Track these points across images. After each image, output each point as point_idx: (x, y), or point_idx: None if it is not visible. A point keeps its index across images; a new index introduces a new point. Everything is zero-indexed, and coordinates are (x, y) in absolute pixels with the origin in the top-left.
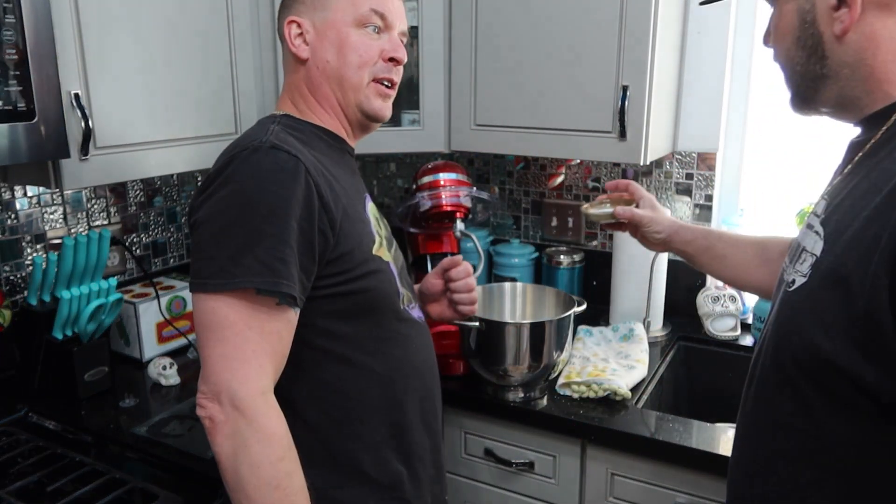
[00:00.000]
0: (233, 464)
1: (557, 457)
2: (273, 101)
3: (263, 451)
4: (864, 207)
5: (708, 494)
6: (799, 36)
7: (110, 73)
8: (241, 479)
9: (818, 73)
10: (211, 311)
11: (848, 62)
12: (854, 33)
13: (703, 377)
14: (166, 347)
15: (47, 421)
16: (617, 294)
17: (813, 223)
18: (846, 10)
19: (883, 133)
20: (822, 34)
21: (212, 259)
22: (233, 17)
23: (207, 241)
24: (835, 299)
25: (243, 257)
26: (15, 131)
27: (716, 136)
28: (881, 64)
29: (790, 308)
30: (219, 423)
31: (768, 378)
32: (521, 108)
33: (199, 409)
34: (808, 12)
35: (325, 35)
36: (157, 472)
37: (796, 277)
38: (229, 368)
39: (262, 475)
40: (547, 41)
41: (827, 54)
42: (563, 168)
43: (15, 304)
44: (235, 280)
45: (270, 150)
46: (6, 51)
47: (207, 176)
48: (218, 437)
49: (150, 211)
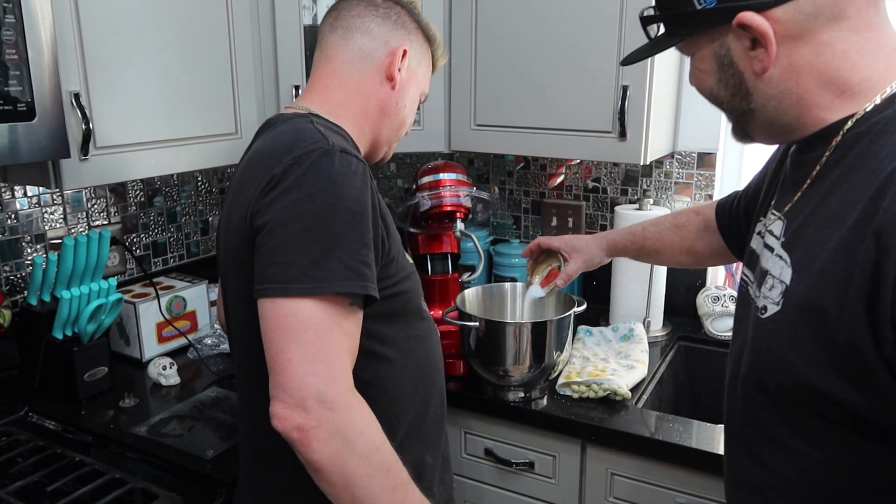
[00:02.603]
0: (339, 463)
1: (557, 457)
2: (273, 101)
3: (367, 441)
4: (829, 238)
5: (708, 494)
6: (720, 77)
7: (110, 73)
8: (352, 475)
9: (745, 108)
10: (292, 315)
11: (773, 94)
12: (774, 68)
13: (703, 377)
14: (166, 347)
15: (47, 421)
16: (617, 294)
17: (772, 244)
18: (762, 49)
19: (830, 153)
20: (743, 73)
21: (292, 263)
22: (233, 17)
23: (285, 244)
24: (814, 330)
25: (327, 261)
26: (15, 131)
27: (716, 136)
28: (806, 91)
29: (767, 336)
30: (311, 429)
31: (753, 400)
32: (521, 108)
33: (280, 422)
34: (725, 56)
35: (409, 82)
36: (157, 472)
37: (767, 304)
38: (314, 371)
39: (373, 463)
40: (547, 41)
41: (751, 91)
42: (563, 168)
43: (15, 304)
44: (322, 284)
45: (341, 154)
46: (6, 51)
47: (271, 178)
48: (314, 443)
49: (150, 211)
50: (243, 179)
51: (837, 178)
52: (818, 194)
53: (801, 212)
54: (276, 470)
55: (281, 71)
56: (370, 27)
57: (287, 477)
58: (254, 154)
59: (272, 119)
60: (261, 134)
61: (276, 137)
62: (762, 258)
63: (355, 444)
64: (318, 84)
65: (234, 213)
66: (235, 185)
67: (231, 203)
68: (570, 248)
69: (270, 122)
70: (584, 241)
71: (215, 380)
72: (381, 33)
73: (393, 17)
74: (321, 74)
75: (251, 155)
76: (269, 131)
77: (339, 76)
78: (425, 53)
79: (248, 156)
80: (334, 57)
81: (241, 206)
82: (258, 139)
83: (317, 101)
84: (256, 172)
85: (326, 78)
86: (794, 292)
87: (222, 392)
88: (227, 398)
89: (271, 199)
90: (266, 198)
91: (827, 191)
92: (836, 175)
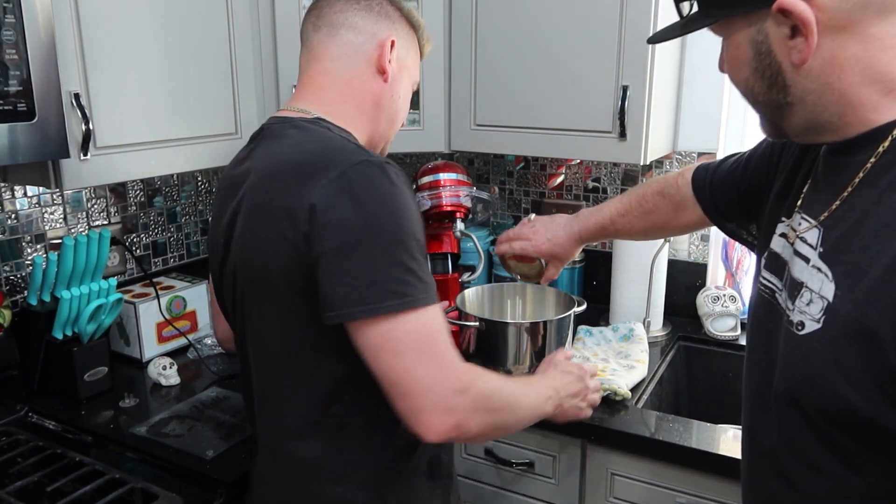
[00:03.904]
0: (492, 425)
1: (557, 457)
2: (273, 102)
3: (499, 394)
4: (880, 252)
5: (708, 494)
6: (756, 66)
7: (110, 74)
8: (503, 422)
9: (782, 101)
10: (403, 333)
11: (813, 89)
12: (814, 60)
13: (703, 377)
14: (166, 347)
15: (47, 421)
16: (617, 294)
17: (806, 254)
18: (802, 38)
19: (877, 159)
20: (781, 64)
21: (377, 283)
22: (233, 16)
23: (362, 265)
24: (862, 353)
25: (407, 275)
26: (15, 131)
27: (716, 136)
28: (849, 87)
29: (807, 355)
30: (463, 421)
31: (785, 417)
32: (522, 108)
33: (436, 434)
34: (762, 43)
35: (401, 73)
36: (157, 472)
37: (805, 320)
38: (446, 377)
39: (511, 403)
40: (547, 41)
41: (789, 83)
42: (563, 168)
43: (15, 304)
44: (411, 298)
45: (386, 165)
46: (6, 51)
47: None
48: (471, 429)
49: (150, 211)
50: (269, 191)
51: (887, 187)
52: (863, 203)
53: (842, 221)
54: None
55: (281, 71)
56: (355, 21)
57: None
58: (276, 165)
59: (273, 124)
60: (261, 139)
61: (300, 147)
62: (793, 267)
63: (494, 404)
64: (311, 85)
65: (263, 230)
66: (252, 197)
67: (252, 216)
68: (550, 256)
69: (272, 128)
70: (561, 248)
71: (215, 380)
72: (367, 26)
73: (375, 8)
74: (312, 75)
75: (270, 165)
76: (278, 139)
77: (330, 75)
78: (412, 41)
79: (264, 165)
80: (322, 55)
81: (277, 223)
82: (262, 145)
83: (312, 101)
84: (290, 187)
85: (318, 78)
86: (839, 310)
87: (222, 392)
88: (227, 398)
89: (330, 221)
90: (323, 218)
91: (875, 200)
92: (884, 183)
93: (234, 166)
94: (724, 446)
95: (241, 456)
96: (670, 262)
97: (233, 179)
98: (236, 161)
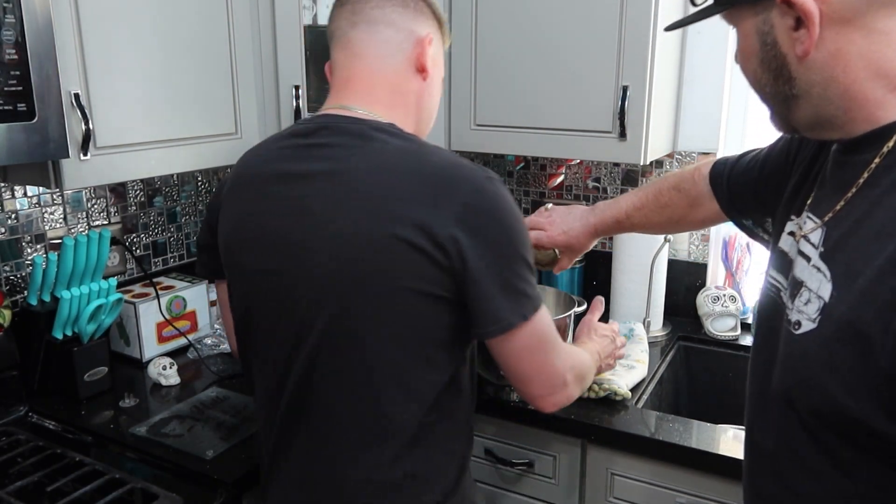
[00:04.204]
0: (580, 388)
1: (557, 457)
2: (273, 101)
3: (586, 370)
4: (876, 254)
5: (708, 494)
6: (762, 58)
7: (110, 73)
8: (584, 382)
9: (788, 94)
10: (539, 332)
11: (817, 81)
12: (818, 52)
13: (703, 377)
14: (166, 347)
15: (47, 421)
16: (617, 294)
17: (808, 253)
18: (805, 30)
19: (882, 159)
20: (786, 56)
21: (523, 293)
22: (233, 17)
23: (524, 268)
24: (854, 355)
25: (532, 281)
26: (15, 131)
27: (716, 136)
28: (854, 82)
29: (802, 356)
30: (573, 394)
31: (783, 417)
32: (521, 108)
33: (556, 406)
34: (768, 34)
35: (434, 69)
36: (157, 472)
37: (802, 319)
38: (563, 361)
39: (588, 378)
40: (547, 41)
41: (794, 75)
42: (563, 168)
43: (15, 304)
44: (537, 301)
45: (499, 180)
46: (6, 51)
47: (460, 211)
48: (574, 396)
49: (150, 211)
50: (387, 198)
51: (888, 188)
52: (865, 203)
53: (844, 221)
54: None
55: (281, 71)
56: (393, 18)
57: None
58: (389, 172)
59: (342, 124)
60: (330, 136)
61: (418, 158)
62: (796, 266)
63: (583, 374)
64: (359, 84)
65: (377, 233)
66: (354, 197)
67: (359, 219)
68: (565, 247)
69: (349, 128)
70: (576, 240)
71: (215, 380)
72: (405, 23)
73: (411, 4)
74: (358, 74)
75: (377, 170)
76: (369, 141)
77: (377, 75)
78: (440, 37)
79: (367, 168)
80: (364, 53)
81: (402, 230)
82: (342, 145)
83: (367, 102)
84: (421, 200)
85: (366, 77)
86: (834, 311)
87: (222, 392)
88: (227, 398)
89: (476, 239)
90: (469, 238)
91: (875, 201)
92: (886, 183)
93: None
94: (724, 446)
95: (241, 456)
96: (670, 262)
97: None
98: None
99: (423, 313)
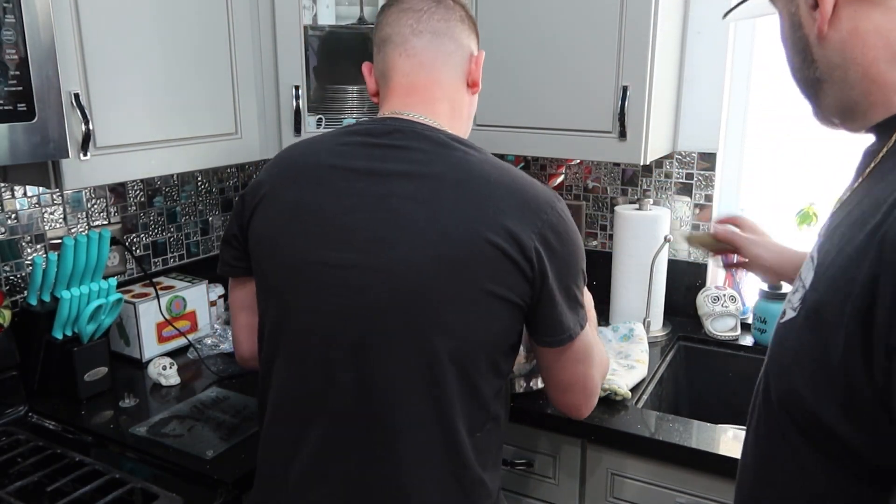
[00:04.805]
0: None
1: (557, 457)
2: (273, 102)
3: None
4: (849, 241)
5: (708, 494)
6: (793, 41)
7: (110, 74)
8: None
9: (813, 77)
10: (587, 345)
11: (838, 63)
12: (834, 31)
13: (703, 377)
14: (166, 347)
15: (47, 421)
16: (617, 294)
17: (813, 246)
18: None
19: (891, 146)
20: (808, 37)
21: (581, 305)
22: (233, 17)
23: (573, 292)
24: (815, 345)
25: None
26: (15, 131)
27: (716, 136)
28: (873, 63)
29: (779, 344)
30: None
31: (762, 408)
32: (522, 108)
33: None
34: (795, 15)
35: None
36: (157, 472)
37: (787, 308)
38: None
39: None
40: (547, 41)
41: (815, 57)
42: (563, 168)
43: (15, 304)
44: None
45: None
46: (6, 51)
47: (544, 227)
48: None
49: (150, 211)
50: (477, 205)
51: (880, 177)
52: (861, 192)
53: (842, 211)
54: None
55: (281, 71)
56: (455, 33)
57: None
58: (477, 181)
59: (420, 130)
60: (409, 139)
61: (503, 173)
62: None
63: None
64: (424, 93)
65: (472, 234)
66: (444, 198)
67: (449, 220)
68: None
69: (426, 135)
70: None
71: (215, 380)
72: (462, 38)
73: (467, 21)
74: (423, 83)
75: (466, 177)
76: (450, 150)
77: (440, 85)
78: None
79: (456, 175)
80: (429, 64)
81: (496, 235)
82: (425, 151)
83: (430, 111)
84: (509, 212)
85: (430, 87)
86: (808, 298)
87: (222, 392)
88: (227, 398)
89: (554, 254)
90: (566, 252)
91: (867, 190)
92: (885, 170)
93: (349, 157)
94: (724, 446)
95: (240, 456)
96: (670, 262)
97: (360, 171)
98: (352, 153)
99: (500, 318)
